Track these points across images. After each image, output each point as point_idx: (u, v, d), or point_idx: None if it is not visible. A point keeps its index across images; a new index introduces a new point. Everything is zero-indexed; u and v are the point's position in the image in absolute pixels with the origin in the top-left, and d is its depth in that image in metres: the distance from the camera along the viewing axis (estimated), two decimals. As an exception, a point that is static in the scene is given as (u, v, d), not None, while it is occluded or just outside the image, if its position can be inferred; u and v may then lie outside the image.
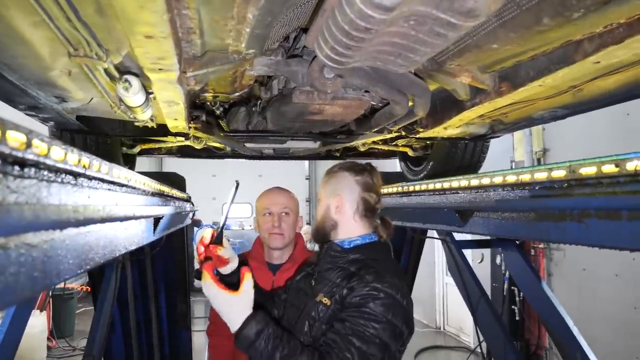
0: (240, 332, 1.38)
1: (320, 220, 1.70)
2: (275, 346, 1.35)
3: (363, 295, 1.42)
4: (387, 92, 1.68)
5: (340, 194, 1.65)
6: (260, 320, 1.39)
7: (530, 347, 5.81)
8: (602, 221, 1.29)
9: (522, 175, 1.62)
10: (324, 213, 1.68)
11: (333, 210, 1.65)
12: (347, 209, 1.64)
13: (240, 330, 1.38)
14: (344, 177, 1.67)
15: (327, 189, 1.71)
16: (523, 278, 2.46)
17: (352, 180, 1.66)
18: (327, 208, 1.67)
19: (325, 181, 1.73)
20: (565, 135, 5.49)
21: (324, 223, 1.68)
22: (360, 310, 1.40)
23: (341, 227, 1.65)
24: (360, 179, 1.65)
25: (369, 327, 1.37)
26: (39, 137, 0.65)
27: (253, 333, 1.36)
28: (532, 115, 2.05)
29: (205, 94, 1.98)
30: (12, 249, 0.60)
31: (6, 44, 1.18)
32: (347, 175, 1.67)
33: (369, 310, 1.39)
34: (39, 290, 0.68)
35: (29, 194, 0.62)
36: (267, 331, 1.37)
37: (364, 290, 1.42)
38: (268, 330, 1.37)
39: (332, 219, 1.66)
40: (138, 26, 0.99)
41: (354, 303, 1.42)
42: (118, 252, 1.19)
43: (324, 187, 1.73)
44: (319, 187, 1.81)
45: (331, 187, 1.69)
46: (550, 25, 1.12)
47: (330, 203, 1.66)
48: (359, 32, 1.04)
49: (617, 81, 1.54)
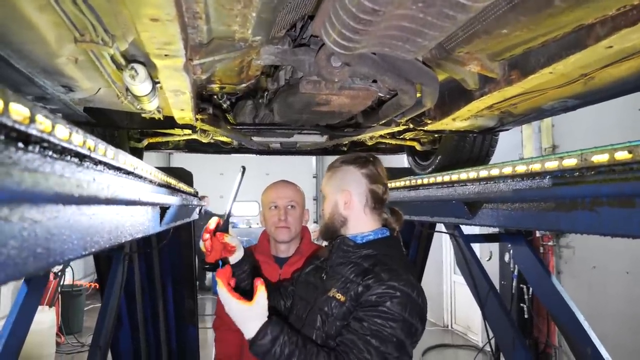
0: (255, 340, 1.38)
1: (329, 217, 1.67)
2: (291, 351, 1.35)
3: (380, 293, 1.41)
4: (394, 81, 1.66)
5: (348, 188, 1.63)
6: (274, 328, 1.39)
7: (540, 346, 5.77)
8: (615, 209, 1.26)
9: (532, 165, 1.59)
10: (332, 210, 1.66)
11: (342, 206, 1.63)
12: (356, 203, 1.63)
13: (255, 339, 1.38)
14: (349, 171, 1.65)
15: (332, 185, 1.68)
16: (532, 272, 2.43)
17: (357, 173, 1.64)
18: (335, 204, 1.65)
19: (329, 176, 1.71)
20: (574, 131, 5.44)
21: (333, 220, 1.66)
22: (378, 309, 1.40)
23: (351, 223, 1.64)
24: (365, 172, 1.64)
25: (386, 326, 1.37)
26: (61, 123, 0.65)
27: (268, 340, 1.36)
28: (542, 106, 2.02)
29: (212, 85, 1.97)
30: (15, 222, 0.59)
31: (13, 29, 1.18)
32: (352, 169, 1.65)
33: (386, 309, 1.39)
34: (42, 267, 0.67)
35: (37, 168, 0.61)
36: (282, 338, 1.37)
37: (381, 289, 1.42)
38: (284, 337, 1.37)
39: (341, 215, 1.64)
40: (144, 8, 0.98)
41: (371, 301, 1.42)
42: (124, 238, 1.19)
43: (329, 183, 1.70)
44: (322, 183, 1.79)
45: (337, 183, 1.67)
46: (562, 8, 1.10)
47: (338, 199, 1.64)
48: (366, 14, 1.03)
49: (630, 68, 1.51)
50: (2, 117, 0.55)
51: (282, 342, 1.36)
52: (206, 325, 5.75)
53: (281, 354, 1.35)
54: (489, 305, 2.36)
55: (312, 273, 1.76)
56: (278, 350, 1.35)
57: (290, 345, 1.36)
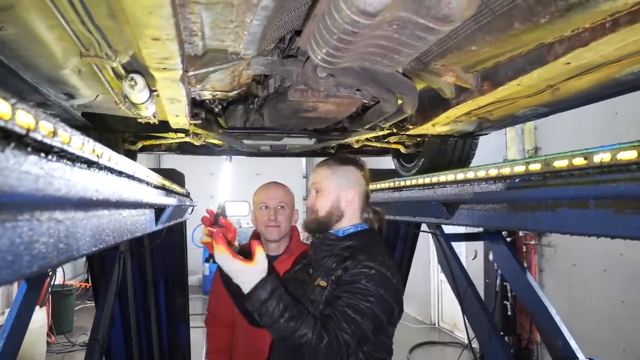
0: (254, 290, 1.44)
1: (328, 212, 1.74)
2: (285, 306, 1.42)
3: (356, 273, 1.53)
4: (376, 91, 1.78)
5: (353, 188, 1.75)
6: (274, 282, 1.46)
7: (522, 342, 5.94)
8: (572, 210, 1.40)
9: (503, 169, 1.73)
10: (333, 205, 1.73)
11: (343, 203, 1.74)
12: (356, 202, 1.76)
13: (255, 289, 1.44)
14: (353, 172, 1.78)
15: (335, 181, 1.75)
16: (509, 269, 2.57)
17: (359, 175, 1.79)
18: (336, 200, 1.74)
19: (331, 173, 1.77)
20: (556, 134, 5.62)
21: (331, 215, 1.74)
22: (355, 286, 1.51)
23: (346, 219, 1.75)
24: (364, 174, 1.80)
25: (362, 300, 1.48)
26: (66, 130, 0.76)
27: (268, 291, 1.42)
28: (515, 113, 2.16)
29: (205, 92, 2.07)
30: (44, 222, 0.70)
31: (24, 45, 1.28)
32: (355, 170, 1.78)
33: (362, 286, 1.50)
34: (64, 260, 0.78)
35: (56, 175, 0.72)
36: (279, 291, 1.45)
37: (357, 269, 1.53)
38: (280, 291, 1.45)
39: (340, 211, 1.74)
40: (146, 29, 1.09)
41: (348, 280, 1.53)
42: (125, 237, 1.30)
43: (331, 179, 1.76)
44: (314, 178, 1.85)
45: (341, 181, 1.75)
46: (522, 29, 1.23)
47: (342, 195, 1.74)
48: (346, 35, 1.15)
49: (591, 81, 1.65)
50: (34, 133, 0.66)
51: (279, 296, 1.44)
52: (197, 325, 5.82)
53: (276, 306, 1.42)
54: (467, 300, 2.49)
55: (300, 271, 1.88)
56: (274, 302, 1.42)
57: (285, 301, 1.44)
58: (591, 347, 3.49)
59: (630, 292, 4.58)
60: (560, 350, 2.27)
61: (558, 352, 2.29)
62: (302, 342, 1.41)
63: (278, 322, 1.42)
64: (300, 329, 1.41)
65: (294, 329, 1.41)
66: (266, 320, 1.44)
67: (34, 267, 0.67)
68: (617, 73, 1.59)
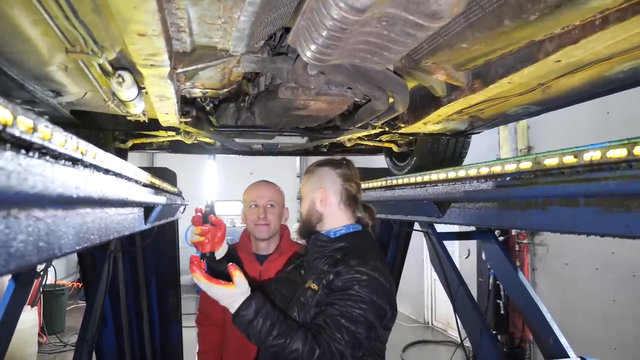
0: (239, 311, 1.45)
1: (307, 214, 1.79)
2: (272, 324, 1.43)
3: (348, 278, 1.52)
4: (367, 88, 1.77)
5: (324, 186, 1.76)
6: (258, 301, 1.47)
7: (515, 340, 5.96)
8: (562, 208, 1.39)
9: (494, 168, 1.72)
10: (310, 207, 1.78)
11: (318, 204, 1.75)
12: (332, 200, 1.75)
13: (240, 310, 1.45)
14: (325, 172, 1.79)
15: (309, 185, 1.80)
16: (500, 267, 2.58)
17: (332, 173, 1.78)
18: (312, 202, 1.77)
19: (307, 178, 1.84)
20: (548, 133, 5.64)
21: (310, 217, 1.77)
22: (347, 292, 1.50)
23: (327, 219, 1.75)
24: (340, 171, 1.78)
25: (355, 307, 1.47)
26: (44, 124, 0.74)
27: (252, 311, 1.44)
28: (506, 112, 2.16)
29: (195, 90, 2.06)
30: (22, 219, 0.69)
31: (8, 41, 1.26)
32: (327, 169, 1.79)
33: (355, 292, 1.50)
34: (44, 258, 0.77)
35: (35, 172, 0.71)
36: (265, 310, 1.45)
37: (349, 274, 1.53)
38: (266, 310, 1.46)
39: (318, 212, 1.76)
40: (132, 25, 1.07)
41: (340, 286, 1.53)
42: (112, 236, 1.28)
43: (307, 184, 1.82)
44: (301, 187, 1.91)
45: (314, 183, 1.79)
46: (512, 27, 1.23)
47: (315, 197, 1.76)
48: (335, 31, 1.13)
49: (582, 79, 1.65)
50: (11, 129, 0.65)
51: (265, 314, 1.44)
52: (190, 324, 5.79)
53: (263, 324, 1.43)
54: (459, 299, 2.49)
55: (292, 271, 1.88)
56: (260, 321, 1.43)
57: (272, 318, 1.44)
58: (583, 346, 3.50)
59: (622, 291, 4.61)
60: (551, 348, 2.28)
61: (549, 350, 2.29)
62: (294, 357, 1.41)
63: (267, 340, 1.43)
64: (291, 344, 1.41)
65: (283, 346, 1.41)
66: (255, 339, 1.45)
67: (11, 266, 0.66)
68: (608, 71, 1.59)
